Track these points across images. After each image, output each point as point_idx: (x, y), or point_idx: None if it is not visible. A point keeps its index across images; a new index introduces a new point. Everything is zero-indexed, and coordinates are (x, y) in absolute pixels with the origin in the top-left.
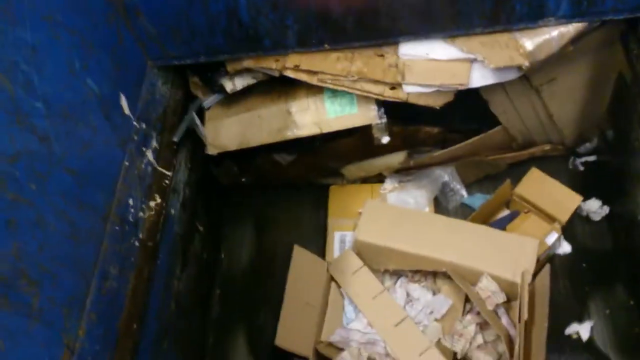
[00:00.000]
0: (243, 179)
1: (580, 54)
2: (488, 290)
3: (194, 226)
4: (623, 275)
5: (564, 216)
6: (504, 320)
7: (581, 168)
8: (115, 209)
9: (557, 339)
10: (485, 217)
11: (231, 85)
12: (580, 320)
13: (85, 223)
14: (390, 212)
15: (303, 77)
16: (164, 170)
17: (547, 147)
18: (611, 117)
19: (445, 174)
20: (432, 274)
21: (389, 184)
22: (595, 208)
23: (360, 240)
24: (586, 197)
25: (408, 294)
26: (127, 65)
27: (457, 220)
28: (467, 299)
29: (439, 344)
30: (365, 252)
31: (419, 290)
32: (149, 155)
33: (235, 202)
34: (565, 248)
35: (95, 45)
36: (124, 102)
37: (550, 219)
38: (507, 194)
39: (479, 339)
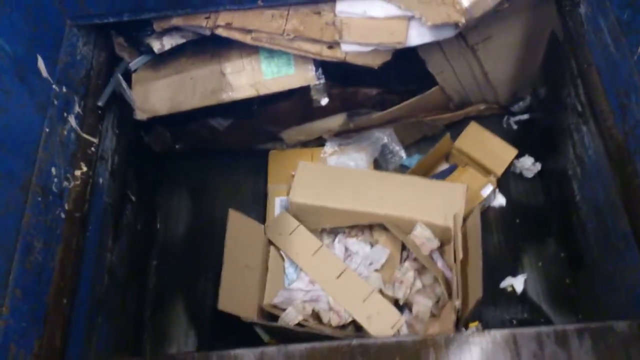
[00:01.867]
0: (177, 146)
1: (515, 11)
2: (422, 237)
3: (126, 196)
4: (554, 230)
5: (500, 169)
6: (440, 263)
7: (515, 127)
8: (36, 179)
9: (492, 293)
10: (425, 171)
11: (159, 45)
12: (514, 274)
13: (2, 194)
14: (323, 172)
15: (236, 35)
16: (88, 137)
17: (482, 106)
18: (544, 75)
19: (384, 136)
20: (369, 227)
21: (329, 148)
22: (529, 165)
23: (295, 202)
24: (520, 155)
25: (347, 249)
26: (44, 25)
27: (388, 174)
28: (403, 248)
29: (380, 293)
30: (301, 214)
31: (357, 244)
32: (72, 121)
33: (170, 169)
34: (500, 200)
35: (5, 1)
36: (41, 64)
37: (487, 171)
38: (446, 147)
39: (418, 284)
